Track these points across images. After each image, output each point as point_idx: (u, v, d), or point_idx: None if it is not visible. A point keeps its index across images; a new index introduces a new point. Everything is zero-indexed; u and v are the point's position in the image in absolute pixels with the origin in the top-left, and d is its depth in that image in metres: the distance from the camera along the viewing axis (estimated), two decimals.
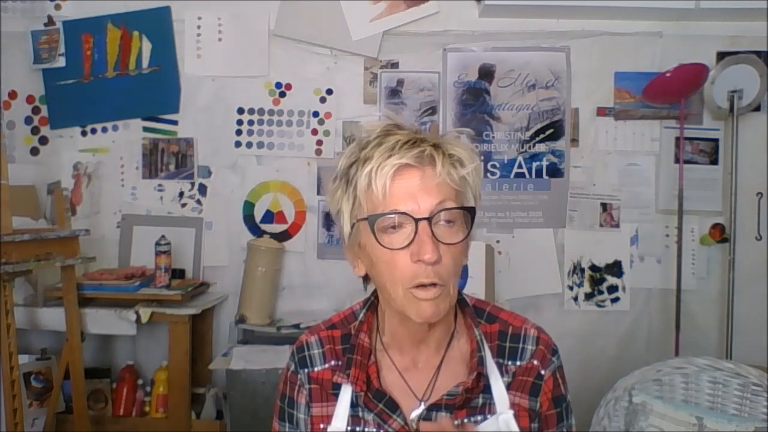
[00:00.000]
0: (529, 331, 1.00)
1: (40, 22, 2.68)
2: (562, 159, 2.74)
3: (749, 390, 1.66)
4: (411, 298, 0.89)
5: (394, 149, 0.88)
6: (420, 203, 0.88)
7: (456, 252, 0.90)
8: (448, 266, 0.89)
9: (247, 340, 2.46)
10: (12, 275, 2.03)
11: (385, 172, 0.87)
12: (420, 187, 0.88)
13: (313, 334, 1.05)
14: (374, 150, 0.89)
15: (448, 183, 0.89)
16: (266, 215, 2.73)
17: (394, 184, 0.88)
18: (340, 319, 1.06)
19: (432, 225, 0.87)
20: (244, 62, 2.70)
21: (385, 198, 0.88)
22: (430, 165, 0.89)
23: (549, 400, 0.98)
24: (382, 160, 0.88)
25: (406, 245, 0.88)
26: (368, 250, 0.92)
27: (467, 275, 2.37)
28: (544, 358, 0.98)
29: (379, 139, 0.90)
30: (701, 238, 2.73)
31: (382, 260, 0.90)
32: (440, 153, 0.89)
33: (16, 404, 2.01)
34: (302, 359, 1.03)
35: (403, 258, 0.88)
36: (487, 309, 1.03)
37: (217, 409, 2.49)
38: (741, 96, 2.57)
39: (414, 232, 0.87)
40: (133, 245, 2.70)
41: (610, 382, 1.80)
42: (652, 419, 1.65)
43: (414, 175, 0.88)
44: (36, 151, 2.73)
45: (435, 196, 0.88)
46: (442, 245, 0.88)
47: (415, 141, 0.89)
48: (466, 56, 2.74)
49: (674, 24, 2.70)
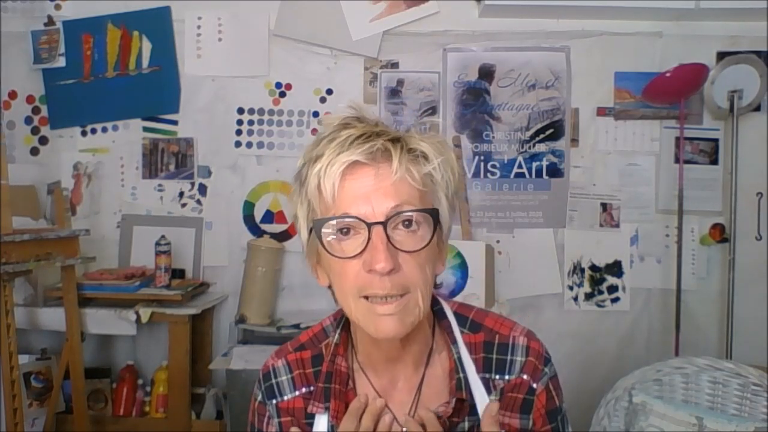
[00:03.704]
0: (517, 340, 0.90)
1: (40, 22, 2.68)
2: (562, 159, 2.74)
3: (749, 390, 1.66)
4: (367, 313, 0.79)
5: (344, 144, 0.78)
6: (374, 206, 0.78)
7: (421, 259, 0.79)
8: (411, 275, 0.78)
9: (247, 340, 2.46)
10: (12, 275, 2.03)
11: (333, 171, 0.77)
12: (374, 188, 0.78)
13: (279, 358, 0.95)
14: (325, 147, 0.80)
15: (408, 182, 0.79)
16: (266, 215, 2.73)
17: (344, 184, 0.78)
18: (309, 338, 0.96)
19: (388, 230, 0.77)
20: (244, 62, 2.70)
21: (335, 201, 0.78)
22: (385, 162, 0.79)
23: (543, 416, 0.89)
24: (331, 157, 0.78)
25: (358, 253, 0.78)
26: (323, 259, 0.84)
27: (467, 275, 2.37)
28: (535, 371, 0.89)
29: (332, 134, 0.81)
30: (701, 238, 2.73)
31: (334, 270, 0.82)
32: (398, 148, 0.79)
33: (16, 404, 2.01)
34: (269, 388, 0.93)
35: (355, 266, 0.79)
36: (470, 316, 0.93)
37: (217, 409, 2.49)
38: (741, 96, 2.57)
39: (367, 239, 0.77)
40: (133, 245, 2.70)
41: (610, 382, 1.80)
42: (652, 419, 1.65)
43: (367, 173, 0.79)
44: (36, 151, 2.73)
45: (392, 198, 0.78)
46: (401, 253, 0.78)
47: (370, 135, 0.79)
48: (466, 56, 2.74)
49: (674, 24, 2.70)
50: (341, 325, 0.93)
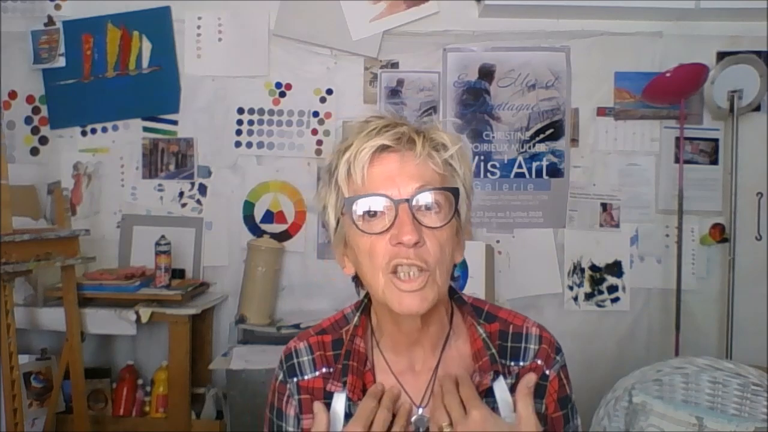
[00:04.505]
0: (530, 330, 0.96)
1: (40, 22, 2.68)
2: (562, 159, 2.74)
3: (749, 390, 1.66)
4: (393, 288, 0.85)
5: (372, 132, 0.87)
6: (400, 186, 0.85)
7: (442, 238, 0.86)
8: (433, 251, 0.85)
9: (247, 340, 2.46)
10: (12, 275, 2.03)
11: (363, 155, 0.85)
12: (399, 171, 0.86)
13: (301, 341, 0.99)
14: (354, 137, 0.88)
15: (430, 166, 0.87)
16: (266, 215, 2.73)
17: (372, 168, 0.86)
18: (331, 323, 1.01)
19: (413, 208, 0.84)
20: (244, 62, 2.70)
21: (364, 183, 0.86)
22: (409, 148, 0.86)
23: (555, 402, 0.94)
24: (360, 144, 0.86)
25: (386, 229, 0.85)
26: (352, 243, 0.89)
27: (467, 275, 2.37)
28: (548, 358, 0.95)
29: (360, 126, 0.89)
30: (701, 238, 2.73)
31: (363, 250, 0.87)
32: (421, 136, 0.87)
33: (16, 404, 2.01)
34: (291, 367, 0.98)
35: (383, 242, 0.85)
36: (485, 308, 0.99)
37: (217, 409, 2.49)
38: (741, 96, 2.57)
39: (394, 216, 0.84)
40: (133, 245, 2.70)
41: (610, 382, 1.80)
42: (652, 419, 1.65)
43: (393, 158, 0.86)
44: (36, 151, 2.73)
45: (416, 179, 0.85)
46: (425, 229, 0.85)
47: (396, 124, 0.88)
48: (466, 56, 2.74)
49: (674, 24, 2.70)
50: (361, 310, 0.99)
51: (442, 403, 0.86)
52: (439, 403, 0.86)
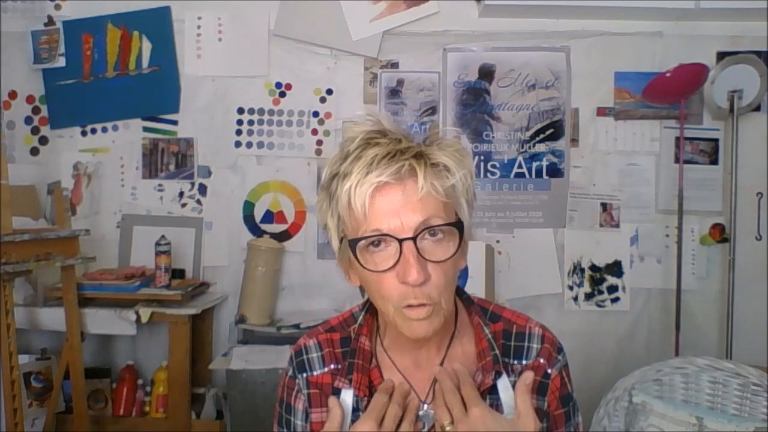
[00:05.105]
0: (533, 330, 0.99)
1: (40, 22, 2.68)
2: (562, 159, 2.74)
3: (749, 390, 1.66)
4: (403, 317, 0.86)
5: (372, 164, 0.83)
6: (403, 221, 0.83)
7: (447, 266, 0.86)
8: (438, 284, 0.85)
9: (247, 340, 2.46)
10: (12, 275, 2.03)
11: (363, 190, 0.83)
12: (402, 204, 0.84)
13: (311, 338, 1.02)
14: (353, 164, 0.85)
15: (434, 196, 0.84)
16: (266, 215, 2.73)
17: (374, 202, 0.83)
18: (339, 321, 1.03)
19: (417, 243, 0.84)
20: (244, 62, 2.70)
21: (366, 217, 0.84)
22: (411, 179, 0.84)
23: (557, 399, 0.96)
24: (360, 177, 0.83)
25: (391, 266, 0.84)
26: (357, 269, 0.90)
27: (467, 275, 2.37)
28: (550, 357, 0.97)
29: (358, 152, 0.86)
30: (701, 238, 2.73)
31: (370, 280, 0.88)
32: (422, 164, 0.84)
33: (16, 404, 2.01)
34: (300, 363, 1.00)
35: (390, 279, 0.85)
36: (489, 308, 1.02)
37: (217, 409, 2.49)
38: (741, 96, 2.57)
39: (399, 253, 0.84)
40: (133, 245, 2.70)
41: (610, 382, 1.80)
42: (652, 419, 1.65)
43: (395, 191, 0.84)
44: (36, 151, 2.73)
45: (419, 213, 0.84)
46: (430, 263, 0.85)
47: (395, 154, 0.84)
48: (466, 56, 2.74)
49: (674, 24, 2.70)
50: (366, 309, 1.00)
51: (443, 402, 0.87)
52: (441, 401, 0.88)
